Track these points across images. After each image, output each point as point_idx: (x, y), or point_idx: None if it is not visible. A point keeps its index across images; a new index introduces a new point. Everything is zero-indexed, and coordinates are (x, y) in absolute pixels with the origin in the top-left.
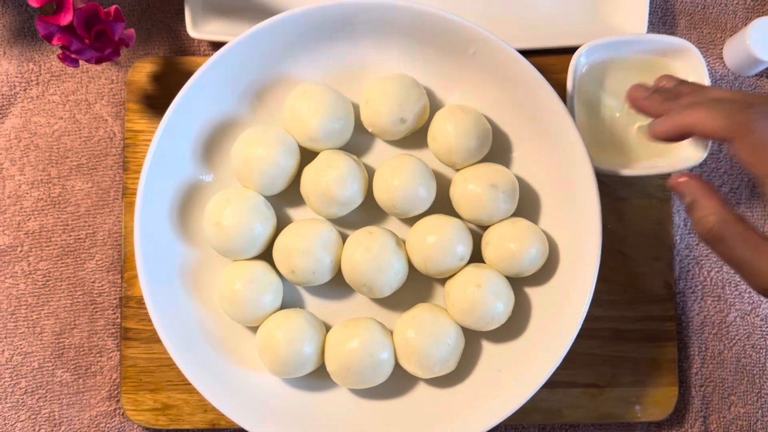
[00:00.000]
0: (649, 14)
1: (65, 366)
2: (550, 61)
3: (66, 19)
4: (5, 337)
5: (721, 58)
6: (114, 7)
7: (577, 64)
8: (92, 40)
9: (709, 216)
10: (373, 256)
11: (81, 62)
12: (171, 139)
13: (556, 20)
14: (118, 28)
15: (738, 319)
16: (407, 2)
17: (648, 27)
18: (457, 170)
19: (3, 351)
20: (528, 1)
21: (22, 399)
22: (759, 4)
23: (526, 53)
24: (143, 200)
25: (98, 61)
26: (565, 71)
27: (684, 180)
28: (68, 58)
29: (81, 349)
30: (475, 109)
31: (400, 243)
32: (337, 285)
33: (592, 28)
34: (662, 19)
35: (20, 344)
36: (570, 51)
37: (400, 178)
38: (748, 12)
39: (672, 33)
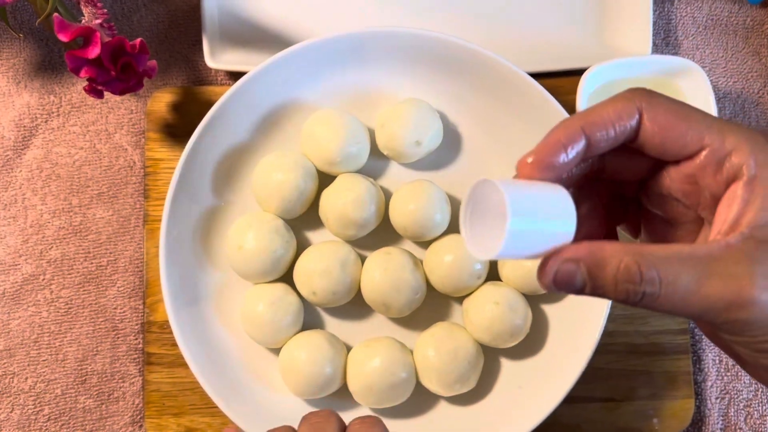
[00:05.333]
0: (653, 35)
1: (88, 392)
2: (558, 83)
3: (94, 52)
4: (28, 365)
5: (725, 77)
6: (139, 39)
7: (585, 86)
8: (118, 72)
9: (621, 275)
10: (391, 276)
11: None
12: (194, 166)
13: (562, 43)
14: (142, 60)
15: None
16: (419, 30)
17: (652, 47)
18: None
19: (26, 379)
20: (534, 25)
21: (46, 426)
22: (758, 23)
23: (534, 76)
24: (167, 225)
25: (122, 92)
26: (573, 93)
27: (557, 264)
28: (94, 90)
29: (104, 375)
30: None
31: (418, 263)
32: (357, 305)
33: (598, 50)
34: (665, 40)
35: (43, 371)
36: (576, 73)
37: (416, 203)
38: (748, 31)
39: (676, 53)
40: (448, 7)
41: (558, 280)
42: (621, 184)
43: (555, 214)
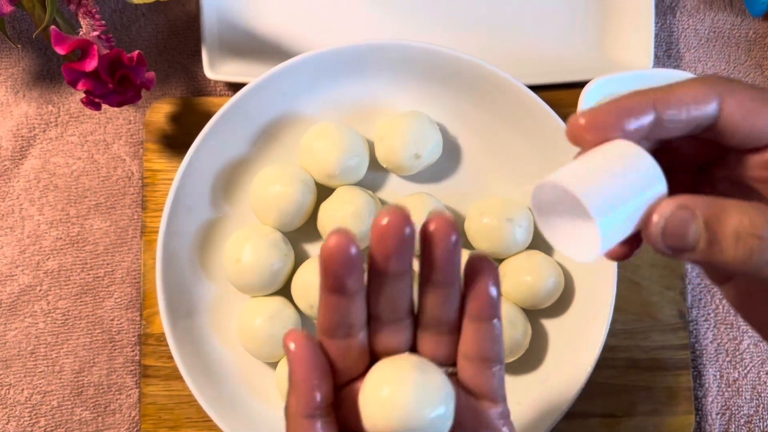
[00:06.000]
0: (654, 47)
1: (84, 404)
2: (558, 95)
3: (91, 65)
4: (25, 377)
5: None
6: (137, 52)
7: (586, 99)
8: (116, 85)
9: (754, 234)
10: None
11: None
12: (192, 178)
13: (563, 56)
14: (140, 73)
15: (752, 346)
16: (418, 43)
17: (654, 61)
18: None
19: (22, 390)
20: (534, 38)
21: None
22: (760, 36)
23: (534, 89)
24: (164, 237)
25: (119, 105)
26: (573, 106)
27: (669, 209)
28: (92, 102)
29: (100, 387)
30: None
31: (416, 277)
32: None
33: (599, 63)
34: (667, 53)
35: (39, 383)
36: (577, 86)
37: (415, 217)
38: (750, 44)
39: (677, 66)
40: (448, 19)
41: (669, 232)
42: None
43: (640, 184)
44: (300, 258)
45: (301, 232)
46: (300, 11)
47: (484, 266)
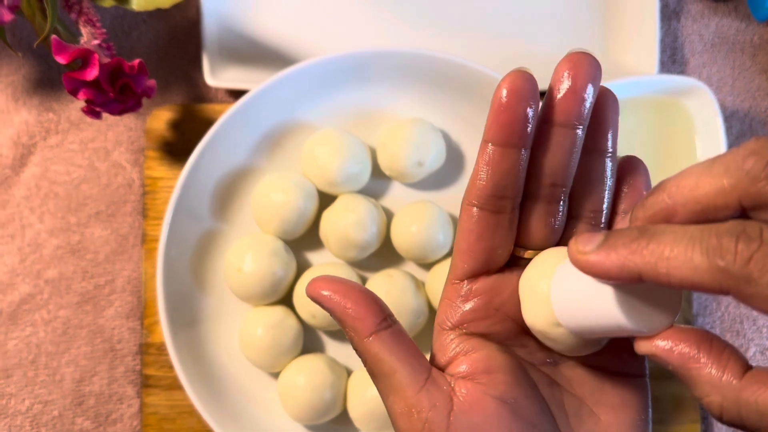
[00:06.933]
0: (659, 53)
1: (85, 414)
2: None
3: (92, 74)
4: (25, 386)
5: (732, 95)
6: (138, 60)
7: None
8: (116, 94)
9: (712, 396)
10: (393, 299)
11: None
12: (193, 186)
13: None
14: (141, 81)
15: (758, 354)
16: (421, 49)
17: (659, 66)
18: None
19: (23, 400)
20: (538, 44)
21: None
22: (765, 41)
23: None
24: (165, 246)
25: (120, 113)
26: None
27: (661, 345)
28: (92, 111)
29: (101, 397)
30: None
31: (420, 286)
32: None
33: (603, 68)
34: (671, 58)
35: (40, 393)
36: None
37: (418, 225)
38: (755, 49)
39: (682, 71)
40: (450, 26)
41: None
42: None
43: (616, 321)
44: (302, 267)
45: (303, 241)
46: (301, 18)
47: (638, 164)
